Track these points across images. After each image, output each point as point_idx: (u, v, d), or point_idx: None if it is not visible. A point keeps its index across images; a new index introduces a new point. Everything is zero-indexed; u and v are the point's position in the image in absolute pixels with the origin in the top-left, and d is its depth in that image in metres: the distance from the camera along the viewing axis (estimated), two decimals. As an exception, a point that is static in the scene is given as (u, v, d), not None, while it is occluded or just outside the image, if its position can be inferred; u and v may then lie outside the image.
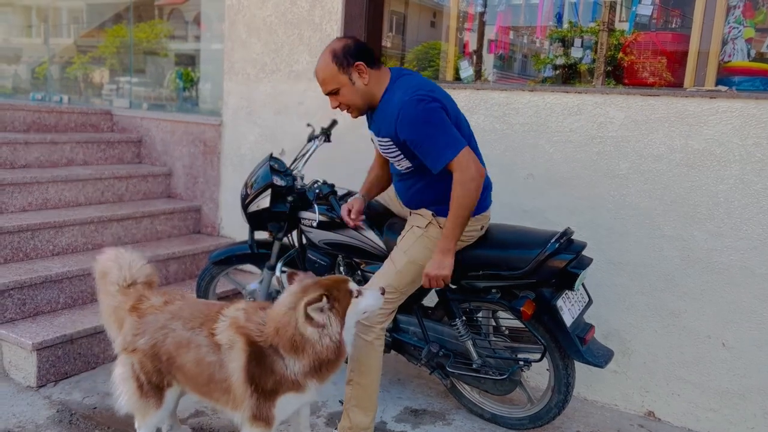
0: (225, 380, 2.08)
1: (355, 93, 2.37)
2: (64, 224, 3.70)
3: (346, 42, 2.37)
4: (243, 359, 2.05)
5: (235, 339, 2.07)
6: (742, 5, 3.05)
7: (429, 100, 2.24)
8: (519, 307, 2.42)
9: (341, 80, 2.35)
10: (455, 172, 2.24)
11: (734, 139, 2.64)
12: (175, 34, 5.78)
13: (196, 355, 2.12)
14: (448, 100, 2.37)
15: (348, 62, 2.32)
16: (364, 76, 2.34)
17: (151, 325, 2.19)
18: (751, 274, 2.66)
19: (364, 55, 2.34)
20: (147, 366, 2.18)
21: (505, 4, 4.11)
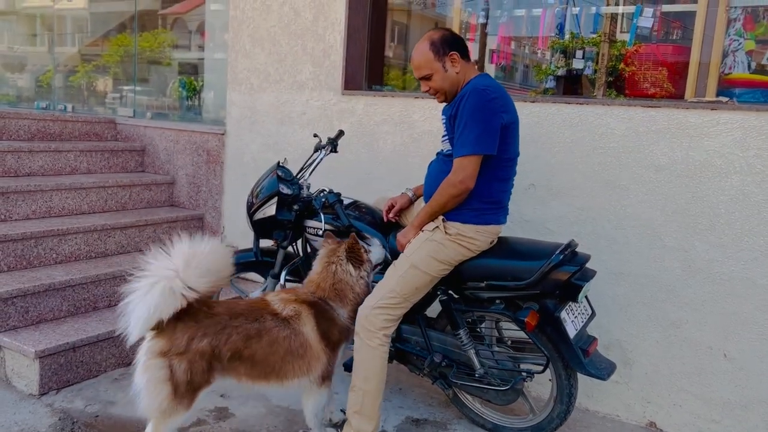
0: (301, 345, 2.40)
1: (445, 80, 2.53)
2: (68, 232, 3.71)
3: (444, 33, 2.56)
4: (312, 320, 2.44)
5: (298, 308, 2.44)
6: (742, 18, 3.08)
7: (494, 96, 2.39)
8: (523, 318, 2.43)
9: (435, 67, 2.52)
10: (452, 167, 2.42)
11: (735, 151, 2.66)
12: (179, 44, 5.82)
13: (269, 338, 2.34)
14: (510, 110, 2.47)
15: (444, 51, 2.50)
16: (456, 65, 2.51)
17: (211, 327, 2.28)
18: (753, 284, 2.67)
19: (458, 46, 2.52)
20: (198, 367, 2.24)
21: (507, 15, 4.15)
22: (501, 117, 2.39)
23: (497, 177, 2.48)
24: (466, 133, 2.37)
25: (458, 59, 2.51)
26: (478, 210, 2.47)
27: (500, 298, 2.58)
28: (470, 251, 2.50)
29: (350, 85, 3.87)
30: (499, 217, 2.55)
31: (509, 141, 2.47)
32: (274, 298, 2.48)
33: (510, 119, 2.44)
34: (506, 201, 2.59)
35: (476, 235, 2.48)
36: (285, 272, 3.15)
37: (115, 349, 3.27)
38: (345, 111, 3.85)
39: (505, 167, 2.51)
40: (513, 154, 2.53)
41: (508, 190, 2.59)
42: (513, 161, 2.55)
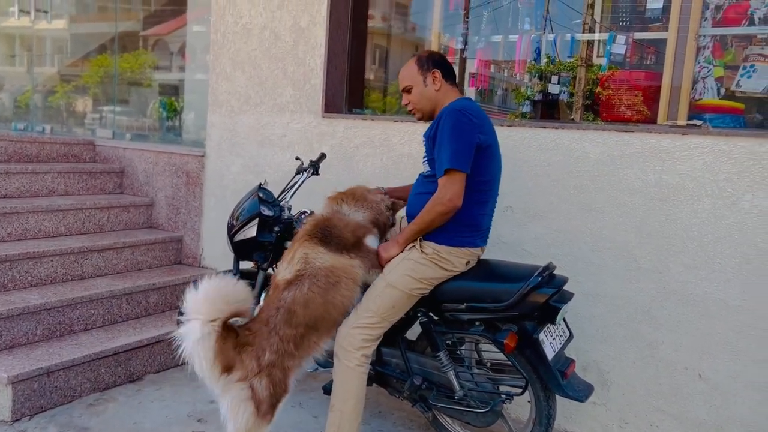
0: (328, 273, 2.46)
1: (423, 95, 2.62)
2: (44, 255, 3.67)
3: (434, 52, 2.71)
4: (319, 246, 2.50)
5: (301, 251, 2.51)
6: (711, 45, 3.18)
7: (470, 116, 2.43)
8: (502, 340, 2.44)
9: (417, 80, 2.62)
10: (438, 186, 2.42)
11: (706, 175, 2.72)
12: (160, 65, 5.83)
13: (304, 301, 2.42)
14: (487, 132, 2.50)
15: (428, 66, 2.60)
16: (437, 83, 2.59)
17: (264, 340, 2.38)
18: (726, 306, 2.71)
19: (443, 66, 2.61)
20: (276, 377, 2.36)
21: (484, 41, 4.22)
22: (477, 137, 2.42)
23: (474, 200, 2.49)
24: (444, 152, 2.41)
25: (439, 78, 2.59)
26: (453, 232, 2.49)
27: (480, 319, 2.59)
28: (446, 271, 2.52)
29: (330, 108, 3.90)
30: (475, 240, 2.56)
31: (485, 163, 2.49)
32: (281, 271, 2.51)
33: (487, 141, 2.47)
34: (484, 225, 2.60)
35: (450, 256, 2.50)
36: (265, 294, 3.14)
37: (90, 374, 3.22)
38: (325, 134, 3.87)
39: (483, 190, 2.53)
40: (491, 176, 2.55)
41: (486, 214, 2.60)
42: (491, 183, 2.57)
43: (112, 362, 3.33)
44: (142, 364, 3.49)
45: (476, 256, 2.60)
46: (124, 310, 3.78)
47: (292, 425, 3.02)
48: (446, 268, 2.51)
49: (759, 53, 3.05)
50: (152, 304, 3.95)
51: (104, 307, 3.66)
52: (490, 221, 2.67)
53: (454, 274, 2.55)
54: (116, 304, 3.72)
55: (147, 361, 3.51)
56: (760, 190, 2.61)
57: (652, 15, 3.39)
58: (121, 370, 3.38)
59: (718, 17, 3.17)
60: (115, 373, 3.35)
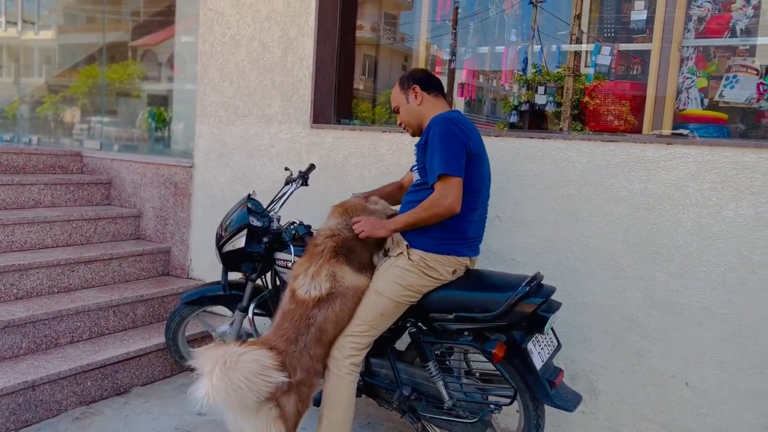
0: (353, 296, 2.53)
1: (408, 112, 2.71)
2: (30, 267, 3.64)
3: (415, 69, 2.80)
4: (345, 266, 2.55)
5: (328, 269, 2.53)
6: (694, 57, 3.22)
7: (458, 125, 2.48)
8: (490, 350, 2.45)
9: (401, 99, 2.74)
10: (435, 190, 2.44)
11: (691, 184, 2.75)
12: (148, 75, 5.81)
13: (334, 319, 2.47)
14: (475, 140, 2.54)
15: (408, 84, 2.71)
16: (418, 98, 2.67)
17: (293, 359, 2.38)
18: (711, 314, 2.73)
19: (422, 81, 2.69)
20: (303, 393, 2.39)
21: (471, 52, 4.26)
22: (467, 144, 2.46)
23: (461, 206, 2.50)
24: (441, 155, 2.43)
25: (419, 92, 2.67)
26: (439, 239, 2.51)
27: (468, 329, 2.59)
28: (432, 279, 2.53)
29: (319, 119, 3.91)
30: (461, 248, 2.56)
31: (474, 170, 2.51)
32: (303, 285, 2.49)
33: (476, 149, 2.50)
34: (471, 233, 2.61)
35: (436, 264, 2.51)
36: (253, 305, 3.13)
37: (76, 387, 3.19)
38: (314, 144, 3.88)
39: (471, 197, 2.54)
40: (479, 184, 2.57)
41: (474, 222, 2.60)
42: (478, 191, 2.58)
43: (98, 375, 3.30)
44: (129, 377, 3.46)
45: (463, 265, 2.60)
46: (111, 323, 3.75)
47: (280, 437, 3.00)
48: (432, 276, 2.52)
49: (741, 64, 3.10)
50: (140, 316, 3.92)
51: (91, 320, 3.63)
52: (480, 231, 2.68)
53: (440, 282, 2.55)
54: (103, 316, 3.70)
55: (134, 374, 3.49)
56: (744, 199, 2.64)
57: (636, 26, 3.43)
58: (108, 383, 3.35)
59: (701, 28, 3.22)
60: (101, 386, 3.32)
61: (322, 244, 2.55)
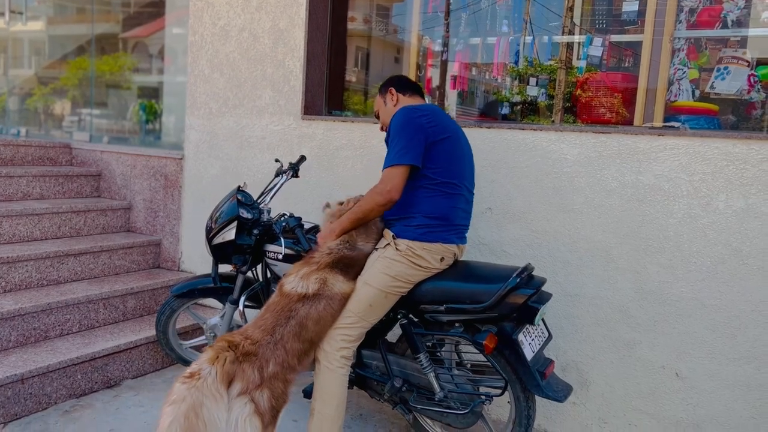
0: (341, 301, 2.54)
1: (386, 113, 2.79)
2: (18, 260, 3.61)
3: (392, 76, 2.86)
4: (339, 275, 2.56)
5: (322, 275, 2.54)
6: (686, 48, 3.22)
7: (416, 115, 2.51)
8: (481, 341, 2.45)
9: (380, 104, 2.85)
10: (380, 179, 2.49)
11: (682, 175, 2.75)
12: (139, 67, 5.77)
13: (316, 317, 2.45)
14: (441, 126, 2.54)
15: (385, 89, 2.81)
16: (394, 98, 2.76)
17: (268, 351, 2.34)
18: (701, 305, 2.74)
19: (397, 83, 2.79)
20: (277, 389, 2.32)
21: (463, 43, 4.24)
22: (426, 131, 2.47)
23: (440, 192, 2.52)
24: (391, 147, 2.49)
25: (395, 93, 2.77)
26: (424, 226, 2.50)
27: (459, 321, 2.59)
28: (420, 268, 2.52)
29: (310, 110, 3.89)
30: (448, 235, 2.55)
31: (444, 156, 2.52)
32: (291, 282, 2.50)
33: (442, 134, 2.52)
34: (457, 219, 2.58)
35: (424, 253, 2.49)
36: (244, 297, 3.12)
37: (66, 380, 3.17)
38: (305, 136, 3.86)
39: (449, 183, 2.53)
40: (455, 169, 2.56)
41: (458, 208, 2.58)
42: (456, 177, 2.56)
43: (88, 368, 3.28)
44: (120, 370, 3.45)
45: (451, 252, 2.59)
46: (101, 315, 3.73)
47: (271, 429, 2.99)
48: (420, 265, 2.51)
49: (732, 55, 3.10)
50: (130, 309, 3.90)
51: (81, 313, 3.61)
52: (466, 219, 2.67)
53: (430, 272, 2.55)
54: (93, 309, 3.67)
55: (124, 367, 3.47)
56: (734, 191, 2.64)
57: (628, 17, 3.42)
58: (98, 376, 3.34)
59: (693, 20, 3.21)
60: (91, 379, 3.30)
61: (318, 258, 2.57)
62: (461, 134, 2.67)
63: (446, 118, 2.63)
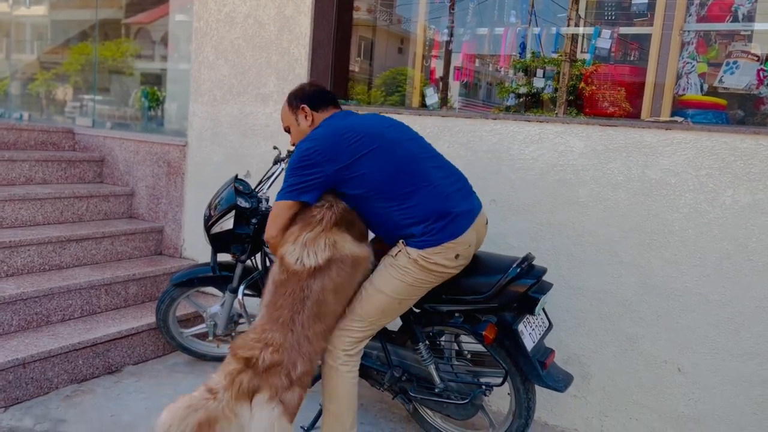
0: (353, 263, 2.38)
1: (298, 133, 2.60)
2: (20, 244, 3.60)
3: (303, 86, 2.64)
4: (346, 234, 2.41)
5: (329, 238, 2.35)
6: (695, 41, 3.19)
7: (314, 152, 2.34)
8: (481, 332, 2.44)
9: (290, 120, 2.63)
10: None
11: (688, 170, 2.74)
12: (142, 53, 5.74)
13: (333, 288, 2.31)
14: (365, 138, 2.35)
15: (296, 104, 2.59)
16: (308, 119, 2.57)
17: (292, 352, 2.22)
18: (705, 300, 2.73)
19: (310, 100, 2.57)
20: (306, 382, 2.25)
21: (470, 33, 4.21)
22: (322, 165, 2.32)
23: (403, 197, 2.34)
24: (284, 183, 2.40)
25: (308, 112, 2.57)
26: (425, 234, 2.32)
27: (459, 311, 2.59)
28: (437, 273, 2.37)
29: (314, 99, 3.86)
30: (454, 227, 2.34)
31: (386, 163, 2.34)
32: (294, 252, 2.29)
33: (351, 157, 2.33)
34: (444, 207, 2.35)
35: (437, 257, 2.33)
36: (243, 286, 3.11)
37: (67, 365, 3.17)
38: (309, 124, 3.83)
39: (410, 182, 2.35)
40: (407, 166, 2.37)
41: (440, 194, 2.37)
42: (408, 171, 2.36)
43: (90, 353, 3.28)
44: (121, 356, 3.45)
45: (465, 244, 2.38)
46: (103, 301, 3.73)
47: (272, 417, 3.00)
48: (435, 270, 2.35)
49: (742, 50, 3.07)
50: (132, 295, 3.89)
51: (83, 298, 3.60)
52: (460, 190, 2.45)
53: (446, 275, 2.40)
54: (95, 294, 3.67)
55: (126, 353, 3.47)
56: (741, 186, 2.63)
57: (637, 10, 3.40)
58: (100, 362, 3.34)
59: (703, 13, 3.19)
60: (93, 365, 3.30)
61: (320, 214, 2.35)
62: (395, 128, 2.48)
63: (366, 124, 2.45)
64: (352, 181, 2.36)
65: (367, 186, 2.35)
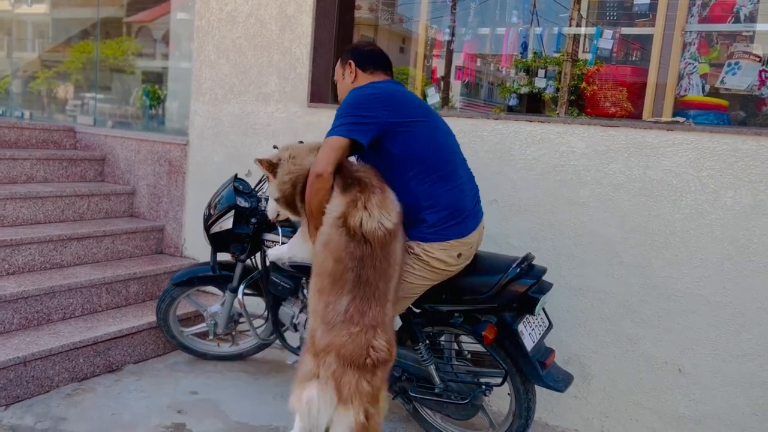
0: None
1: (342, 88, 2.58)
2: (21, 243, 3.60)
3: (359, 43, 2.69)
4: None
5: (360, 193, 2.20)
6: (697, 42, 3.19)
7: (372, 93, 2.31)
8: (481, 332, 2.44)
9: (338, 73, 2.62)
10: None
11: (690, 171, 2.73)
12: (143, 52, 5.74)
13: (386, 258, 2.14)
14: (410, 108, 2.34)
15: (345, 59, 2.58)
16: (352, 75, 2.55)
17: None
18: (706, 301, 2.73)
19: (359, 57, 2.55)
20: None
21: (471, 33, 4.21)
22: (379, 111, 2.26)
23: (437, 177, 2.33)
24: (337, 116, 2.29)
25: (353, 68, 2.55)
26: (435, 225, 2.32)
27: (459, 311, 2.59)
28: (438, 271, 2.37)
29: (316, 98, 3.87)
30: (461, 228, 2.36)
31: (422, 138, 2.32)
32: (367, 217, 2.10)
33: (400, 115, 2.29)
34: (465, 202, 2.39)
35: (441, 254, 2.33)
36: (243, 286, 3.11)
37: (68, 364, 3.18)
38: (311, 123, 3.84)
39: (440, 167, 2.34)
40: (443, 151, 2.38)
41: (462, 192, 2.40)
42: (444, 159, 2.37)
43: (90, 352, 3.28)
44: (122, 355, 3.45)
45: (468, 246, 2.41)
46: (104, 300, 3.73)
47: (273, 417, 3.00)
48: (437, 267, 2.35)
49: (744, 50, 3.07)
50: (132, 294, 3.90)
51: (83, 297, 3.61)
52: (474, 196, 2.49)
53: (448, 273, 2.40)
54: (96, 293, 3.67)
55: (126, 352, 3.47)
56: (742, 187, 2.63)
57: (639, 10, 3.40)
58: (100, 360, 3.34)
59: (705, 14, 3.19)
60: (93, 363, 3.31)
61: (366, 177, 2.20)
62: (438, 117, 2.48)
63: (416, 99, 2.47)
64: (401, 137, 2.28)
65: (410, 149, 2.30)
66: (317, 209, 2.23)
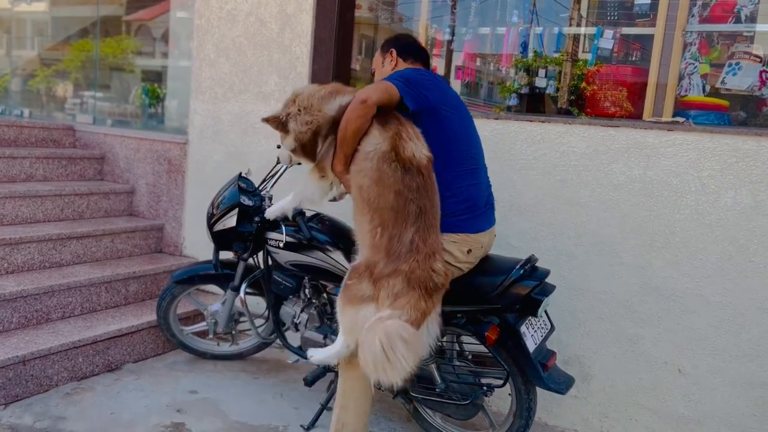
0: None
1: (380, 76, 2.61)
2: (21, 241, 3.60)
3: (400, 35, 2.72)
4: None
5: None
6: (698, 42, 3.19)
7: (421, 74, 2.37)
8: (483, 332, 2.44)
9: (378, 62, 2.66)
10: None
11: (690, 171, 2.73)
12: (143, 50, 5.73)
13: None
14: (443, 94, 2.39)
15: (387, 47, 2.63)
16: (393, 63, 2.60)
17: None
18: (706, 302, 2.73)
19: (401, 47, 2.61)
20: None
21: (472, 33, 4.20)
22: (429, 90, 2.31)
23: (463, 170, 2.36)
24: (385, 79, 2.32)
25: (394, 56, 2.60)
26: (451, 215, 2.30)
27: (461, 312, 2.58)
28: (447, 265, 2.32)
29: (316, 98, 3.85)
30: (475, 222, 2.37)
31: (455, 129, 2.38)
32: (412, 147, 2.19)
33: (441, 102, 2.35)
34: (482, 199, 2.44)
35: (452, 246, 2.32)
36: (245, 285, 3.11)
37: (67, 363, 3.17)
38: (310, 123, 3.82)
39: (467, 158, 2.40)
40: (469, 142, 2.44)
41: (480, 183, 2.46)
42: (471, 154, 2.42)
43: (90, 351, 3.28)
44: (121, 354, 3.45)
45: (479, 244, 2.41)
46: (103, 299, 3.72)
47: (273, 416, 3.00)
48: (445, 261, 2.29)
49: (744, 51, 3.07)
50: (132, 293, 3.89)
51: (83, 296, 3.60)
52: (490, 196, 2.52)
53: (454, 268, 2.36)
54: (95, 292, 3.67)
55: (126, 351, 3.47)
56: (743, 187, 2.63)
57: (639, 10, 3.39)
58: (100, 360, 3.34)
59: (705, 14, 3.18)
60: (93, 362, 3.30)
61: (393, 116, 2.26)
62: (470, 116, 2.53)
63: (455, 93, 2.52)
64: (440, 121, 2.33)
65: (444, 135, 2.34)
66: (353, 136, 2.23)
